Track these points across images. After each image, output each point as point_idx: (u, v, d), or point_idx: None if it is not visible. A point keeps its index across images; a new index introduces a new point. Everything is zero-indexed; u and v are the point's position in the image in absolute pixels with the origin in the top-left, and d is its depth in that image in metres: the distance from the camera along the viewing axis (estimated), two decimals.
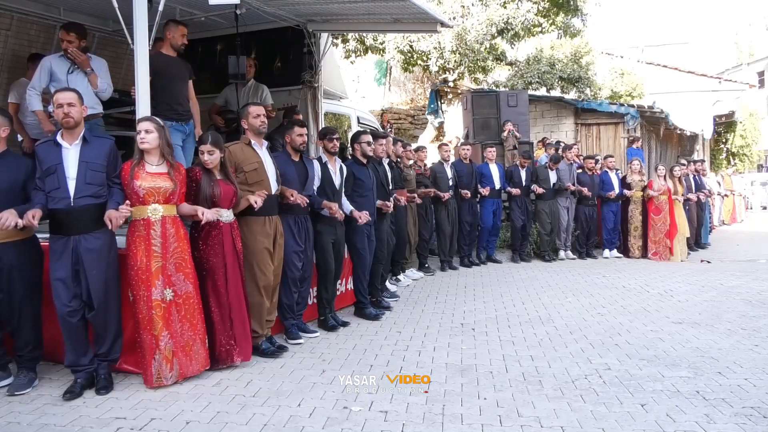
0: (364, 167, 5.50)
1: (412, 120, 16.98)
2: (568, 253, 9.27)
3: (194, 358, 3.78)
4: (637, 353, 4.33)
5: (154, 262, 3.65)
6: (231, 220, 4.07)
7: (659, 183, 9.20)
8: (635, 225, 9.37)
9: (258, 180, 4.35)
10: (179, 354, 3.70)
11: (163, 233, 3.68)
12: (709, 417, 3.19)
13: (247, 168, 4.32)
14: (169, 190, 3.71)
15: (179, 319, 3.71)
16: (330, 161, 5.11)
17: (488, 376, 3.88)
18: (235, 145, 4.40)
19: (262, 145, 4.48)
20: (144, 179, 3.65)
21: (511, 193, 8.72)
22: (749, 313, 5.59)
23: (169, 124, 5.04)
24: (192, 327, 3.77)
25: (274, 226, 4.41)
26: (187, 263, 3.78)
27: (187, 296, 3.76)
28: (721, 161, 22.68)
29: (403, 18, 6.76)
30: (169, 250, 3.70)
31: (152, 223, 3.66)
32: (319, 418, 3.22)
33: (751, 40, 31.95)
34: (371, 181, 5.50)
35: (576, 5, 14.31)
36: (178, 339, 3.70)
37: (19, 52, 6.19)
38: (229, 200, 4.03)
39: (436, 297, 6.42)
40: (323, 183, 5.00)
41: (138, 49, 4.36)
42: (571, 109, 13.08)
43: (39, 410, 3.32)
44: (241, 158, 4.33)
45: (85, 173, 3.54)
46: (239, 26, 6.37)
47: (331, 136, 5.11)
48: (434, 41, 13.77)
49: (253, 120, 4.41)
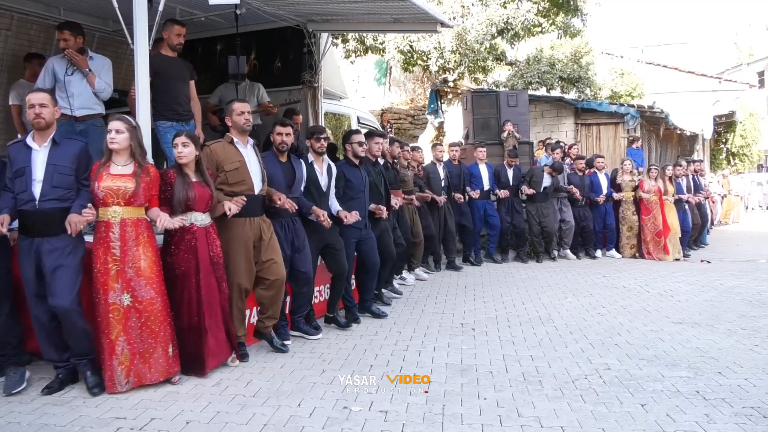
0: (355, 168, 5.30)
1: (412, 120, 16.98)
2: (567, 253, 9.21)
3: (153, 365, 3.61)
4: (637, 353, 4.33)
5: (112, 266, 3.55)
6: (207, 224, 3.92)
7: (650, 183, 9.16)
8: (628, 225, 9.31)
9: (239, 180, 4.16)
10: (136, 360, 3.57)
11: (122, 236, 3.57)
12: (709, 417, 3.19)
13: (228, 167, 4.14)
14: (129, 192, 3.57)
15: (139, 326, 3.58)
16: (317, 161, 4.92)
17: (488, 376, 3.87)
18: (216, 144, 4.26)
19: (246, 144, 4.29)
20: (104, 180, 3.56)
21: (499, 196, 8.61)
22: (749, 313, 5.59)
23: (169, 124, 5.06)
24: (153, 334, 3.61)
25: (257, 227, 4.23)
26: (150, 268, 3.63)
27: (149, 302, 3.60)
28: (721, 161, 22.68)
29: (403, 18, 6.77)
30: (128, 254, 3.57)
31: (111, 225, 3.56)
32: (319, 418, 3.21)
33: (751, 40, 31.95)
34: (363, 182, 5.29)
35: (576, 5, 14.31)
36: (137, 345, 3.57)
37: (19, 52, 6.20)
38: (204, 203, 3.87)
39: (436, 297, 6.42)
40: (308, 184, 4.80)
41: (138, 49, 4.37)
42: (571, 109, 13.09)
43: (39, 410, 3.32)
44: (222, 157, 4.16)
45: (52, 176, 3.50)
46: (239, 26, 6.38)
47: (318, 135, 4.89)
48: (434, 41, 13.78)
49: (237, 117, 4.22)
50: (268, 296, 4.32)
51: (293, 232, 4.57)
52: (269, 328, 4.43)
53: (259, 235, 4.23)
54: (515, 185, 8.78)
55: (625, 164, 9.52)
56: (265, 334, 4.44)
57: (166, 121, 5.05)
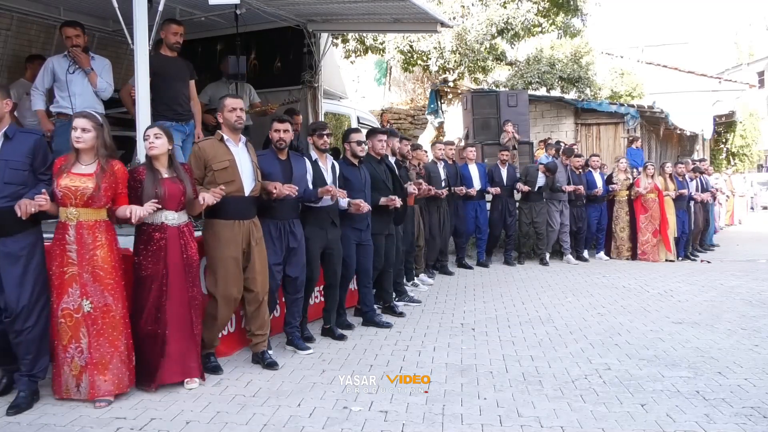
0: (354, 167, 5.08)
1: (412, 120, 16.99)
2: (568, 257, 8.94)
3: (110, 377, 3.39)
4: (637, 353, 4.33)
5: (68, 269, 3.37)
6: (180, 224, 3.68)
7: (646, 181, 9.04)
8: (621, 225, 9.20)
9: (228, 180, 3.92)
10: (90, 370, 3.36)
11: (79, 239, 3.37)
12: (709, 417, 3.19)
13: (217, 166, 3.93)
14: (87, 193, 3.36)
15: (95, 334, 3.37)
16: (320, 158, 4.74)
17: (488, 376, 3.87)
18: (206, 141, 4.09)
19: (238, 142, 4.08)
20: (64, 179, 3.36)
21: (492, 194, 8.42)
22: (749, 313, 5.59)
23: (169, 124, 5.04)
24: (110, 343, 3.40)
25: (246, 231, 3.99)
26: (108, 274, 3.42)
27: (106, 309, 3.39)
28: (721, 161, 22.68)
29: (403, 18, 6.77)
30: (85, 258, 3.37)
31: (68, 227, 3.38)
32: (319, 418, 3.21)
33: (751, 40, 31.98)
34: (362, 182, 5.07)
35: (576, 5, 14.32)
36: (91, 354, 3.36)
37: (19, 52, 6.20)
38: (176, 201, 3.63)
39: (436, 297, 6.42)
40: (315, 182, 4.60)
41: (138, 49, 4.37)
42: (571, 109, 13.09)
43: (39, 410, 3.31)
44: (211, 155, 3.94)
45: (4, 172, 3.26)
46: (239, 26, 6.38)
47: (321, 132, 4.71)
48: (434, 41, 13.78)
49: (229, 114, 4.02)
50: (250, 310, 4.11)
51: (288, 234, 4.33)
52: (259, 345, 4.13)
53: (249, 239, 4.01)
54: (509, 186, 8.59)
55: (620, 162, 9.40)
56: (255, 353, 4.17)
57: (166, 121, 5.04)
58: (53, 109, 4.95)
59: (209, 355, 4.03)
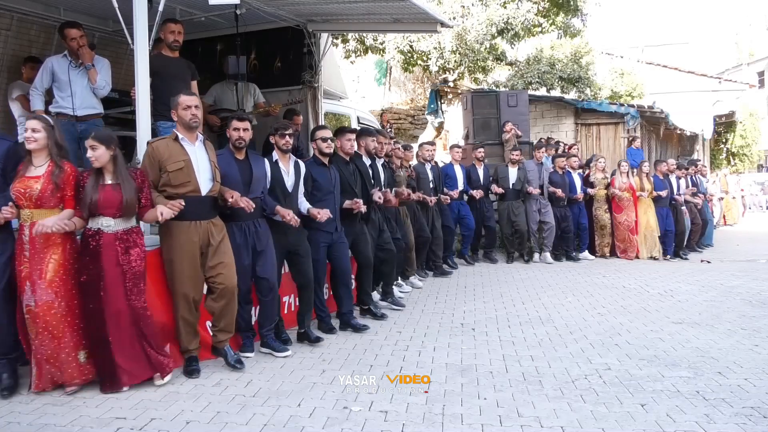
0: (323, 167, 4.89)
1: (412, 120, 17.00)
2: (545, 255, 8.79)
3: (64, 370, 3.52)
4: (637, 353, 4.33)
5: (23, 267, 3.51)
6: (118, 230, 3.62)
7: (621, 180, 9.00)
8: (601, 224, 9.15)
9: (184, 181, 3.83)
10: (45, 363, 3.51)
11: (31, 239, 3.49)
12: (709, 417, 3.19)
13: (172, 167, 3.81)
14: (34, 194, 3.45)
15: (41, 329, 3.48)
16: (282, 160, 4.56)
17: (488, 376, 3.88)
18: (160, 141, 3.95)
19: (195, 141, 3.95)
20: (17, 182, 3.48)
21: (473, 196, 8.31)
22: (749, 313, 5.59)
23: (169, 124, 5.04)
24: (54, 339, 3.49)
25: (204, 231, 3.90)
26: (55, 272, 3.50)
27: (46, 307, 3.47)
28: (721, 161, 22.67)
29: (403, 18, 6.77)
30: (36, 257, 3.49)
31: (23, 227, 3.52)
32: (319, 418, 3.22)
33: (751, 40, 31.96)
34: (331, 182, 4.88)
35: (576, 5, 14.33)
36: (43, 349, 3.49)
37: (19, 52, 6.20)
38: (114, 208, 3.57)
39: (436, 297, 6.42)
40: (273, 184, 4.45)
41: (138, 49, 4.37)
42: (571, 109, 13.09)
43: (39, 410, 3.32)
44: (165, 156, 3.82)
45: None
46: (239, 26, 6.38)
47: (282, 131, 4.54)
48: (434, 41, 13.79)
49: (183, 112, 3.89)
50: (217, 307, 4.00)
51: (255, 236, 4.23)
52: (223, 342, 4.07)
53: (207, 240, 3.92)
54: (485, 185, 8.55)
55: (598, 162, 9.33)
56: (219, 350, 4.10)
57: (167, 121, 5.04)
58: (53, 109, 4.96)
59: (191, 360, 3.95)
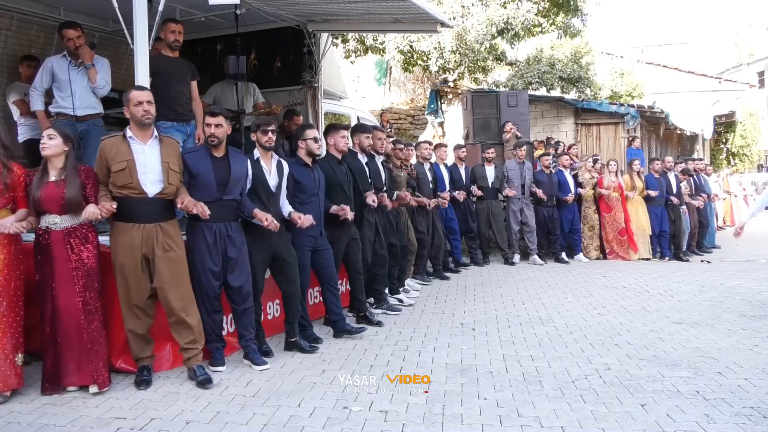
0: (307, 168, 4.64)
1: (412, 120, 16.99)
2: (534, 258, 8.68)
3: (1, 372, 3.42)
4: (637, 353, 4.33)
5: None
6: (67, 227, 3.54)
7: (609, 179, 8.89)
8: (590, 224, 9.04)
9: (126, 182, 3.62)
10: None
11: None
12: (709, 417, 3.19)
13: (114, 167, 3.61)
14: None
15: None
16: (264, 158, 4.30)
17: (488, 376, 3.87)
18: (110, 139, 3.75)
19: (147, 139, 3.73)
20: None
21: (456, 198, 8.06)
22: (749, 313, 5.59)
23: (170, 124, 5.06)
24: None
25: (148, 235, 3.66)
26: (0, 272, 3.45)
27: None
28: (721, 161, 22.67)
29: (403, 18, 6.77)
30: None
31: None
32: (319, 418, 3.22)
33: (751, 40, 31.94)
34: (315, 184, 4.64)
35: (576, 5, 14.32)
36: None
37: (19, 52, 6.20)
38: (57, 205, 3.49)
39: (436, 297, 6.42)
40: (255, 184, 4.20)
41: (138, 49, 4.37)
42: (571, 109, 13.09)
43: (39, 410, 3.32)
44: (111, 155, 3.63)
45: None
46: (239, 26, 6.38)
47: (264, 128, 4.26)
48: (434, 41, 13.77)
49: (135, 108, 3.68)
50: (171, 322, 3.80)
51: (225, 240, 3.95)
52: (191, 360, 3.80)
53: (152, 245, 3.67)
54: (466, 184, 8.39)
55: (587, 162, 9.24)
56: (188, 369, 3.85)
57: (167, 122, 5.04)
58: (52, 109, 4.96)
59: (141, 370, 3.77)
